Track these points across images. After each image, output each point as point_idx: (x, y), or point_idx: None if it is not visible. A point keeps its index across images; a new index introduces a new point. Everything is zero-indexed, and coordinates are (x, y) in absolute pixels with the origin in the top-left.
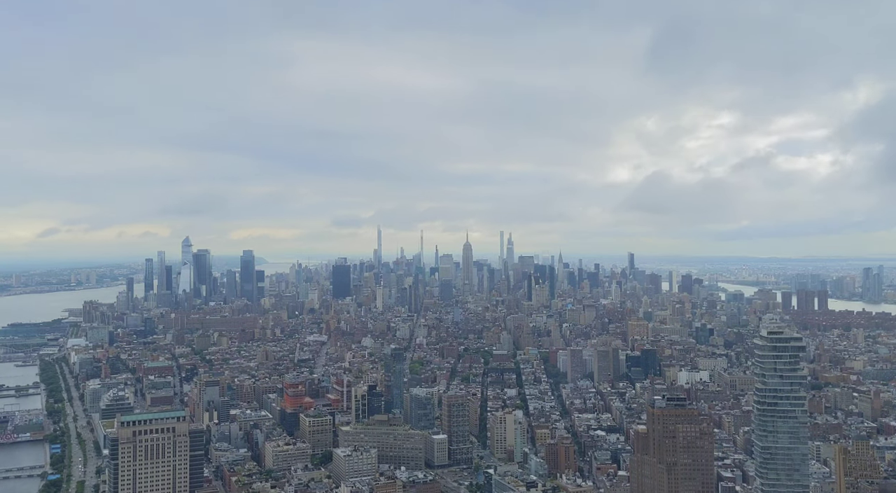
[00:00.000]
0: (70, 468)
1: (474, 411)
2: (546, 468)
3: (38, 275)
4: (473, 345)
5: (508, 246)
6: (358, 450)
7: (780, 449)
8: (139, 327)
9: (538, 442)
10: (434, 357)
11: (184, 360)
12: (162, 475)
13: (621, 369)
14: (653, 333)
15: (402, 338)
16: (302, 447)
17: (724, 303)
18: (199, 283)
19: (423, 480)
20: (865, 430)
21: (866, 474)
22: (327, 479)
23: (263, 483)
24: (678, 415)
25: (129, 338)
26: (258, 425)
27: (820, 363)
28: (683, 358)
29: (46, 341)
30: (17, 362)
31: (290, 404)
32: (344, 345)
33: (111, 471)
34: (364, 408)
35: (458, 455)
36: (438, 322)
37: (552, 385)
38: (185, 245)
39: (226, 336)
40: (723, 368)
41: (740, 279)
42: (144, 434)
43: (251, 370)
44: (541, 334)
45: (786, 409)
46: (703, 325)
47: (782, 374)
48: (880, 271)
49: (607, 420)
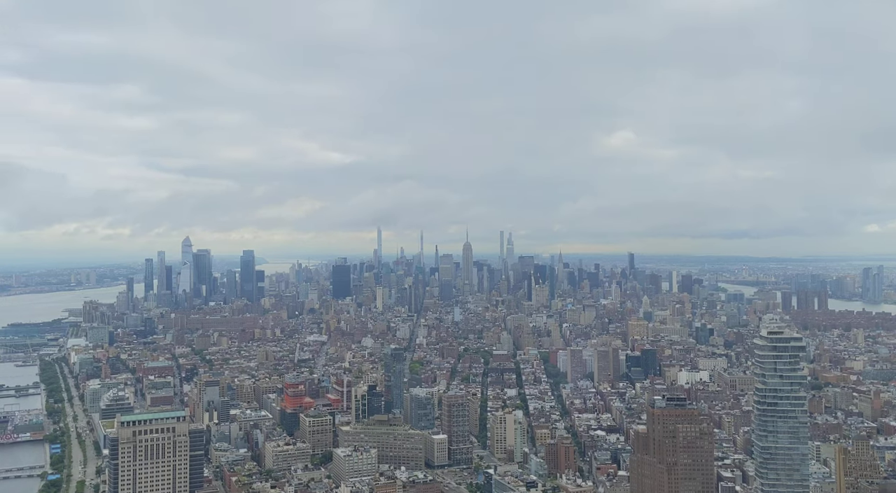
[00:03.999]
0: (70, 468)
1: (474, 411)
2: (546, 468)
3: (38, 275)
4: (473, 345)
5: (508, 246)
6: (358, 450)
7: (780, 449)
8: (139, 327)
9: (538, 442)
10: (434, 357)
11: (184, 360)
12: (162, 475)
13: (621, 369)
14: (653, 333)
15: (402, 338)
16: (302, 447)
17: (724, 303)
18: (199, 283)
19: (423, 480)
20: (865, 430)
21: (866, 474)
22: (327, 479)
23: (263, 483)
24: (678, 415)
25: (129, 338)
26: (258, 425)
27: (820, 363)
28: (683, 358)
29: (46, 341)
30: (17, 362)
31: (290, 404)
32: (344, 345)
33: (111, 471)
34: (364, 408)
35: (458, 455)
36: (438, 322)
37: (552, 385)
38: (185, 245)
39: (226, 336)
40: (723, 368)
41: (740, 279)
42: (144, 434)
43: (251, 370)
44: (541, 334)
45: (786, 409)
46: (703, 325)
47: (782, 374)
48: (880, 271)
49: (607, 420)
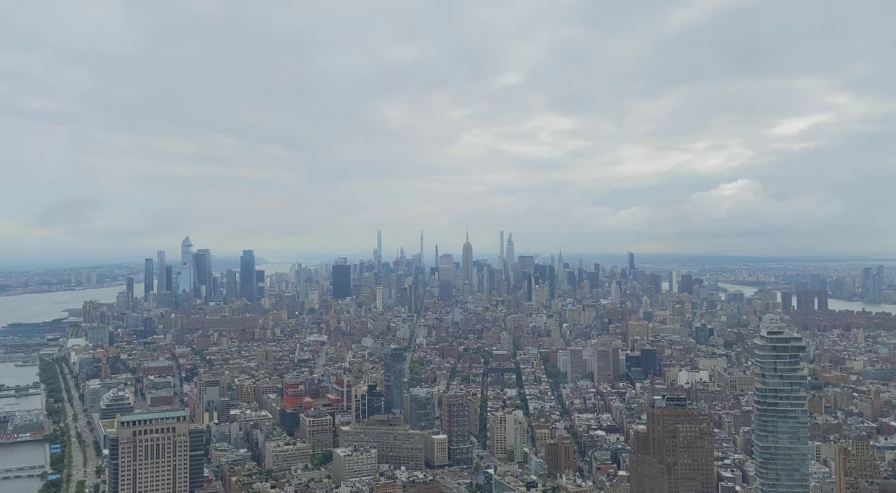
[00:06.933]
0: (70, 468)
1: (474, 411)
2: (546, 468)
3: (38, 275)
4: (473, 345)
5: (508, 246)
6: (358, 450)
7: (780, 449)
8: (139, 327)
9: (538, 442)
10: (434, 357)
11: (184, 360)
12: (162, 475)
13: (621, 369)
14: (653, 333)
15: (402, 338)
16: (302, 447)
17: (724, 303)
18: (199, 283)
19: (423, 480)
20: (865, 430)
21: (866, 474)
22: (327, 479)
23: (263, 483)
24: (678, 415)
25: (129, 338)
26: (258, 425)
27: (820, 363)
28: (683, 358)
29: (46, 341)
30: (17, 362)
31: (290, 404)
32: (344, 345)
33: (111, 471)
34: (364, 408)
35: (458, 455)
36: (438, 322)
37: (552, 385)
38: (185, 245)
39: (226, 336)
40: (723, 368)
41: (740, 279)
42: (144, 434)
43: (251, 370)
44: (541, 334)
45: (786, 409)
46: (703, 325)
47: (782, 374)
48: (880, 271)
49: (607, 420)
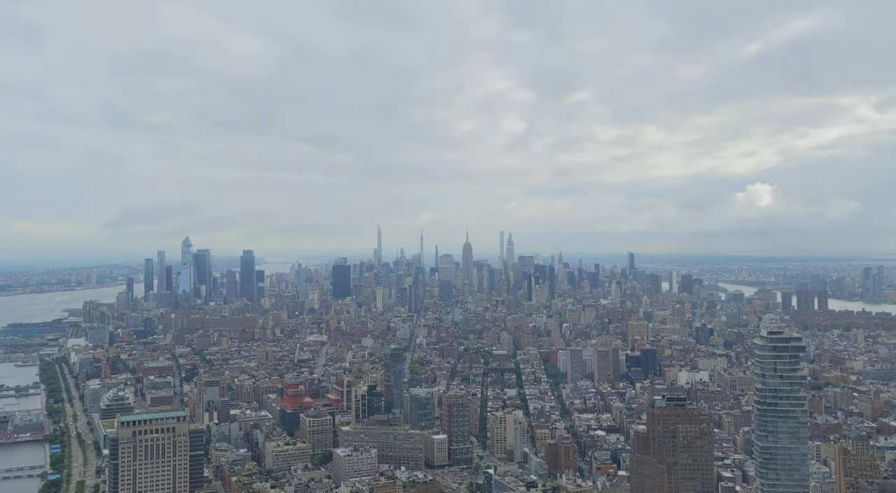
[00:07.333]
0: (70, 468)
1: (474, 411)
2: (546, 468)
3: (38, 275)
4: (473, 345)
5: (508, 246)
6: (358, 450)
7: (780, 449)
8: (139, 327)
9: (538, 442)
10: (434, 357)
11: (184, 360)
12: (162, 475)
13: (621, 369)
14: (653, 333)
15: (402, 338)
16: (302, 447)
17: (724, 303)
18: (199, 283)
19: (423, 480)
20: (865, 430)
21: (866, 474)
22: (327, 479)
23: (263, 483)
24: (678, 415)
25: (129, 338)
26: (258, 425)
27: (820, 363)
28: (683, 358)
29: (46, 341)
30: (17, 362)
31: (290, 404)
32: (344, 345)
33: (111, 471)
34: (364, 408)
35: (458, 455)
36: (438, 322)
37: (552, 385)
38: (185, 245)
39: (226, 336)
40: (723, 368)
41: (740, 279)
42: (144, 434)
43: (251, 370)
44: (541, 334)
45: (786, 409)
46: (703, 325)
47: (782, 374)
48: (880, 271)
49: (607, 420)
